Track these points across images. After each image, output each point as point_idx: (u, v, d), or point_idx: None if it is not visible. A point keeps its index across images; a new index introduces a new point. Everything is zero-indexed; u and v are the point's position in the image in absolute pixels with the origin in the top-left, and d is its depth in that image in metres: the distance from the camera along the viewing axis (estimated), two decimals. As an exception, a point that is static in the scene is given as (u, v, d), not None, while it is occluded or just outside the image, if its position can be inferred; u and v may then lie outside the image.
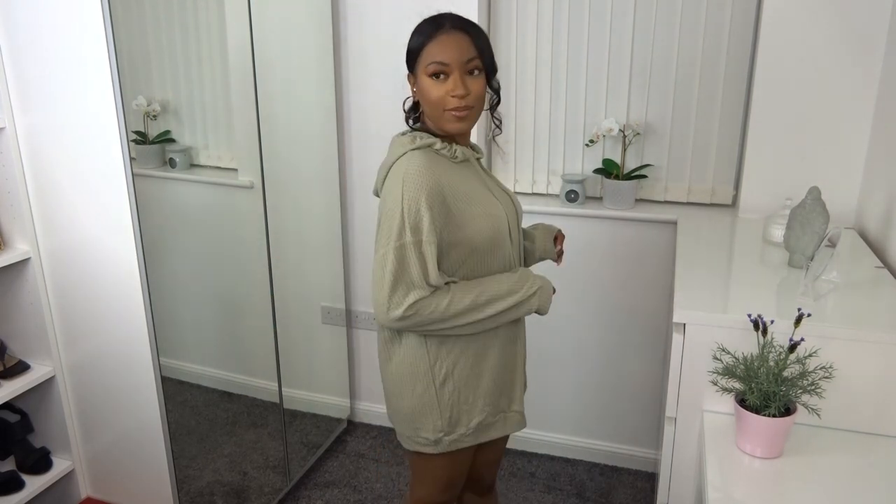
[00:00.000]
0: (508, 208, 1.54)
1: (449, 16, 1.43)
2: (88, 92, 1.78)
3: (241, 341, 2.56)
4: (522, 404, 1.65)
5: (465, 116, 1.40)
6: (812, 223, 1.72)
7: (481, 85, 1.41)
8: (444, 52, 1.37)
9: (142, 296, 1.91)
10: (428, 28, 1.41)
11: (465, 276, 1.46)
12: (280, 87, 2.31)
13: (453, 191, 1.41)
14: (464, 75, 1.38)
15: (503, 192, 1.58)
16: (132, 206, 1.84)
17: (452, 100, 1.38)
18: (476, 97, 1.40)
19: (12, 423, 2.15)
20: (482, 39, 1.42)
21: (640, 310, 2.49)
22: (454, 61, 1.37)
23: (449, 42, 1.38)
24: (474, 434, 1.55)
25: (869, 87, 2.08)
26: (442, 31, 1.39)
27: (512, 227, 1.53)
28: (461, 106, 1.38)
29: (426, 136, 1.45)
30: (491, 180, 1.57)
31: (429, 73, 1.39)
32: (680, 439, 1.58)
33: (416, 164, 1.38)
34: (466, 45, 1.39)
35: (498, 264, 1.50)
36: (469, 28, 1.42)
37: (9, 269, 2.01)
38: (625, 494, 2.52)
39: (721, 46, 2.30)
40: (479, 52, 1.40)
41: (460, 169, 1.47)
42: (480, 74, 1.40)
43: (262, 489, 2.43)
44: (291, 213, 2.45)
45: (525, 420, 1.65)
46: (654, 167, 2.46)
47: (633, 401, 2.59)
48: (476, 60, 1.39)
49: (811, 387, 1.34)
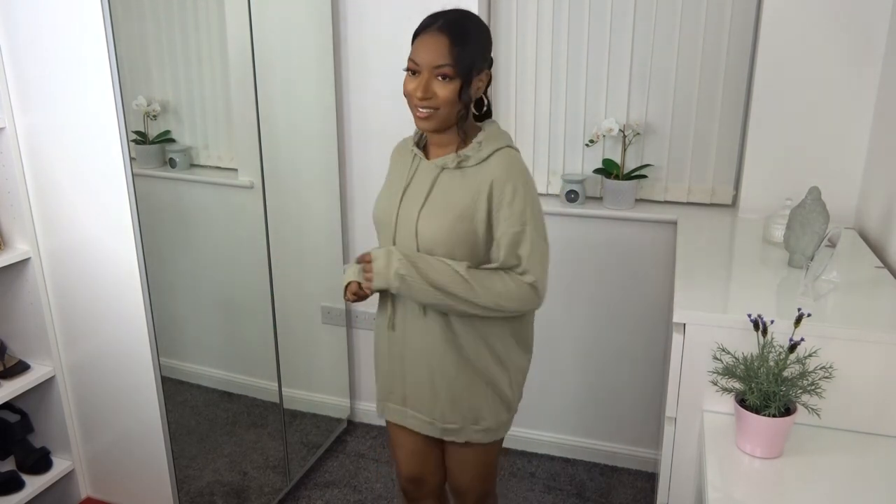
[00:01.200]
0: (405, 216, 1.52)
1: (444, 15, 1.45)
2: (88, 92, 1.78)
3: (241, 341, 2.56)
4: (380, 395, 1.72)
5: (426, 117, 1.45)
6: (812, 223, 1.72)
7: (448, 90, 1.42)
8: (419, 52, 1.43)
9: (142, 296, 1.91)
10: (423, 23, 1.46)
11: None
12: (280, 87, 2.31)
13: (389, 172, 1.64)
14: (432, 79, 1.42)
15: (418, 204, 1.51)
16: (132, 206, 1.84)
17: (415, 98, 1.44)
18: (441, 101, 1.42)
19: (12, 423, 2.15)
20: (463, 46, 1.41)
21: (640, 310, 2.49)
22: (424, 63, 1.42)
23: (426, 43, 1.42)
24: (378, 406, 1.74)
25: (869, 87, 2.08)
26: (427, 31, 1.44)
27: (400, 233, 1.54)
28: (422, 106, 1.44)
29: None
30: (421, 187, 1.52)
31: (407, 67, 1.46)
32: (680, 439, 1.58)
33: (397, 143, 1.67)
34: (443, 50, 1.40)
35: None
36: (454, 31, 1.41)
37: (9, 269, 2.01)
38: (625, 494, 2.52)
39: (721, 46, 2.30)
40: (454, 60, 1.40)
41: (411, 161, 1.58)
42: (450, 81, 1.42)
43: (262, 489, 2.43)
44: (291, 213, 2.45)
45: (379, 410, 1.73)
46: (654, 167, 2.46)
47: (633, 401, 2.59)
48: (447, 68, 1.40)
49: (811, 387, 1.34)
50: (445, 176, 1.51)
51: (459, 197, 1.49)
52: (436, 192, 1.51)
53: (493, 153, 1.49)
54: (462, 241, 1.49)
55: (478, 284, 1.47)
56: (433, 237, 1.49)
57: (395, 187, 1.58)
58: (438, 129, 1.48)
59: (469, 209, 1.48)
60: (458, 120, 1.48)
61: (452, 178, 1.51)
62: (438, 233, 1.49)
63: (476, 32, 1.46)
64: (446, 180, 1.51)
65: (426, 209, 1.50)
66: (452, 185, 1.50)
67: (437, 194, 1.51)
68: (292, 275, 2.50)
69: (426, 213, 1.50)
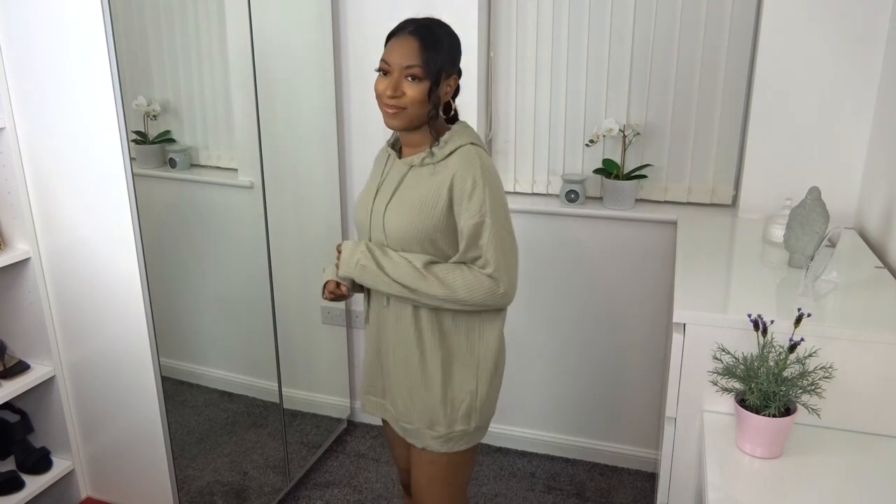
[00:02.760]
0: (377, 213, 1.59)
1: (416, 21, 1.51)
2: (88, 92, 1.78)
3: (241, 341, 2.56)
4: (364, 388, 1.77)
5: (394, 114, 1.49)
6: (812, 223, 1.72)
7: (418, 91, 1.47)
8: (390, 53, 1.49)
9: (142, 296, 1.91)
10: (396, 28, 1.52)
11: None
12: (280, 87, 2.30)
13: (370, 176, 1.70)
14: (401, 79, 1.47)
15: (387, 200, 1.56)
16: (132, 206, 1.84)
17: (384, 97, 1.49)
18: (409, 101, 1.47)
19: (12, 423, 2.15)
20: (433, 49, 1.47)
21: (640, 310, 2.49)
22: (394, 64, 1.48)
23: (397, 45, 1.48)
24: (361, 399, 1.81)
25: (869, 87, 2.08)
26: (399, 34, 1.50)
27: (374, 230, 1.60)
28: (390, 104, 1.48)
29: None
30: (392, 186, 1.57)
31: (378, 68, 1.51)
32: (680, 439, 1.58)
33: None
34: (413, 51, 1.46)
35: None
36: (424, 35, 1.47)
37: (9, 269, 2.01)
38: (625, 494, 2.52)
39: (721, 46, 2.30)
40: (423, 62, 1.46)
41: (385, 161, 1.65)
42: (420, 82, 1.47)
43: (262, 489, 2.43)
44: (291, 213, 2.45)
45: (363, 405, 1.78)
46: (654, 167, 2.46)
47: (633, 401, 2.59)
48: (416, 68, 1.46)
49: (811, 387, 1.34)
50: (413, 173, 1.56)
51: (424, 193, 1.53)
52: (402, 189, 1.56)
53: (455, 150, 1.53)
54: (427, 237, 1.53)
55: (434, 278, 1.50)
56: (400, 232, 1.54)
57: (370, 187, 1.66)
58: (405, 126, 1.53)
59: (431, 204, 1.52)
60: (427, 120, 1.53)
61: (420, 175, 1.56)
62: (403, 228, 1.54)
63: (446, 39, 1.51)
64: (414, 177, 1.56)
65: (392, 205, 1.56)
66: (419, 182, 1.55)
67: (403, 191, 1.56)
68: (292, 275, 2.50)
69: (392, 209, 1.56)
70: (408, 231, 1.53)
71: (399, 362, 1.64)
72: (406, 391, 1.64)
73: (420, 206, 1.52)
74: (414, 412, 1.62)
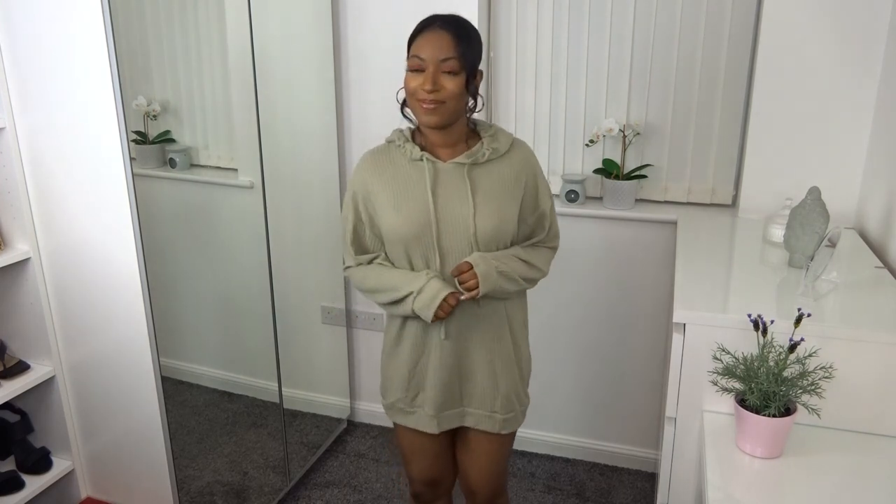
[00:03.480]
0: (450, 218, 1.52)
1: (442, 15, 1.49)
2: (88, 92, 1.78)
3: (241, 341, 2.56)
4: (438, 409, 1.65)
5: (433, 110, 1.45)
6: (812, 223, 1.72)
7: (455, 84, 1.45)
8: (423, 48, 1.45)
9: (142, 296, 1.91)
10: (420, 25, 1.49)
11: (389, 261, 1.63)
12: (280, 87, 2.31)
13: (382, 187, 1.56)
14: (438, 73, 1.44)
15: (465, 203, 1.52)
16: (132, 206, 1.84)
17: (422, 93, 1.44)
18: (448, 95, 1.45)
19: (12, 423, 2.15)
20: (467, 43, 1.45)
21: (640, 310, 2.49)
22: (430, 58, 1.44)
23: (430, 39, 1.45)
24: (393, 411, 1.73)
25: (869, 86, 2.08)
26: (428, 29, 1.47)
27: (446, 236, 1.53)
28: (428, 100, 1.44)
29: (401, 132, 1.60)
30: (456, 188, 1.52)
31: (410, 66, 1.47)
32: (680, 439, 1.58)
33: (361, 160, 1.62)
34: (447, 44, 1.44)
35: (416, 261, 1.57)
36: (456, 29, 1.46)
37: (9, 269, 2.01)
38: (625, 494, 2.52)
39: (721, 47, 2.30)
40: (459, 54, 1.44)
41: (410, 167, 1.55)
42: (456, 75, 1.45)
43: (262, 489, 2.43)
44: (291, 213, 2.45)
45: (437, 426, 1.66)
46: (654, 167, 2.46)
47: (633, 401, 2.59)
48: (452, 61, 1.43)
49: (811, 387, 1.34)
50: (476, 171, 1.55)
51: (502, 187, 1.56)
52: (479, 188, 1.54)
53: (512, 143, 1.60)
54: (511, 228, 1.58)
55: (532, 265, 1.62)
56: (492, 230, 1.54)
57: (414, 196, 1.53)
58: (444, 123, 1.49)
59: (513, 196, 1.57)
60: (465, 114, 1.52)
61: (485, 171, 1.55)
62: (498, 227, 1.55)
63: (474, 32, 1.51)
64: (480, 175, 1.55)
65: (480, 206, 1.53)
66: (489, 177, 1.55)
67: (481, 190, 1.54)
68: (292, 275, 2.50)
69: (482, 212, 1.53)
70: (502, 228, 1.56)
71: (495, 360, 1.64)
72: (506, 384, 1.66)
73: (509, 201, 1.56)
74: (513, 400, 1.68)
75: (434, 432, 1.67)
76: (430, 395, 1.64)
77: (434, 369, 1.62)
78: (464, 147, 1.56)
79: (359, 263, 1.64)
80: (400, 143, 1.57)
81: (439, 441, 1.74)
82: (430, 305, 1.51)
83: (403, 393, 1.68)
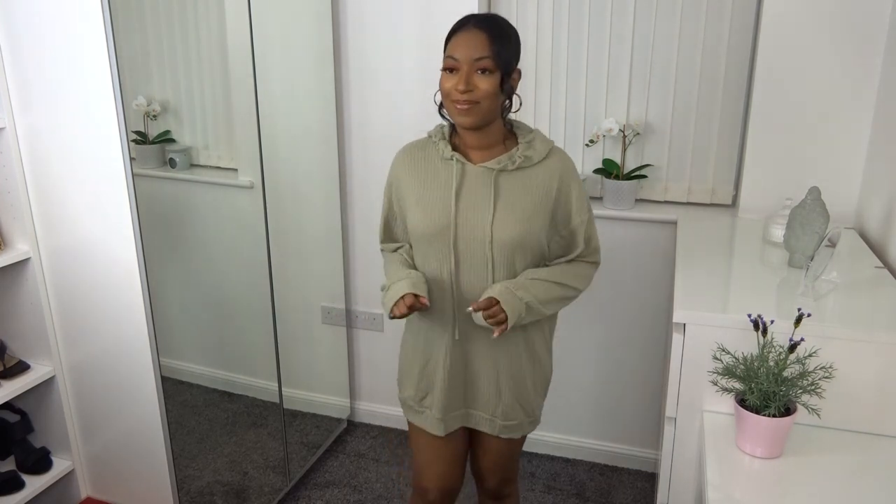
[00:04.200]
0: (469, 223, 1.51)
1: (476, 16, 1.48)
2: (88, 92, 1.78)
3: (241, 341, 2.56)
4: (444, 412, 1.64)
5: (467, 110, 1.44)
6: (812, 223, 1.72)
7: (490, 84, 1.43)
8: (457, 48, 1.44)
9: (142, 296, 1.91)
10: (456, 25, 1.48)
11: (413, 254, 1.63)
12: (280, 87, 2.31)
13: (412, 182, 1.58)
14: (472, 72, 1.42)
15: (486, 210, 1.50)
16: (132, 206, 1.84)
17: (456, 93, 1.43)
18: (482, 95, 1.43)
19: (12, 423, 2.15)
20: (501, 41, 1.43)
21: (640, 310, 2.49)
22: (463, 58, 1.42)
23: (464, 39, 1.44)
24: (405, 407, 1.73)
25: (869, 87, 2.08)
26: (463, 29, 1.45)
27: (463, 240, 1.52)
28: (462, 100, 1.43)
29: (442, 128, 1.59)
30: (481, 193, 1.51)
31: (444, 66, 1.46)
32: (680, 439, 1.58)
33: (399, 151, 1.63)
34: (481, 44, 1.42)
35: (432, 260, 1.57)
36: (490, 28, 1.44)
37: (9, 269, 2.01)
38: (625, 494, 2.52)
39: (721, 46, 2.30)
40: (494, 53, 1.42)
41: (441, 165, 1.55)
42: (491, 74, 1.43)
43: (262, 489, 2.43)
44: (291, 213, 2.45)
45: (444, 429, 1.65)
46: (654, 167, 2.46)
47: (633, 401, 2.59)
48: (486, 60, 1.41)
49: (811, 387, 1.34)
50: (504, 178, 1.51)
51: (529, 197, 1.52)
52: (505, 197, 1.51)
53: (549, 152, 1.55)
54: (535, 240, 1.53)
55: (568, 282, 1.59)
56: (510, 240, 1.51)
57: (439, 196, 1.53)
58: (479, 123, 1.47)
59: (541, 207, 1.52)
60: (500, 114, 1.50)
61: (513, 179, 1.52)
62: (517, 236, 1.51)
63: (512, 31, 1.49)
64: (508, 182, 1.51)
65: (500, 215, 1.50)
66: (516, 185, 1.52)
67: (507, 199, 1.51)
68: (292, 275, 2.50)
69: (501, 219, 1.50)
70: (519, 238, 1.51)
71: (502, 368, 1.61)
72: (511, 393, 1.63)
73: (533, 212, 1.51)
74: (519, 410, 1.66)
75: (440, 434, 1.66)
76: (437, 396, 1.64)
77: (443, 370, 1.62)
78: (500, 150, 1.54)
79: (384, 250, 1.71)
80: (436, 140, 1.57)
81: (453, 447, 1.72)
82: (387, 303, 1.53)
83: (414, 391, 1.69)
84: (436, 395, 1.64)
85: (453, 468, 1.75)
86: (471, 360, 1.63)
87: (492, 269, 1.53)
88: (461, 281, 1.55)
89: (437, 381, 1.64)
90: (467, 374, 1.64)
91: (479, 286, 1.53)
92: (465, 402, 1.67)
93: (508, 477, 1.82)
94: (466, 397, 1.67)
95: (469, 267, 1.53)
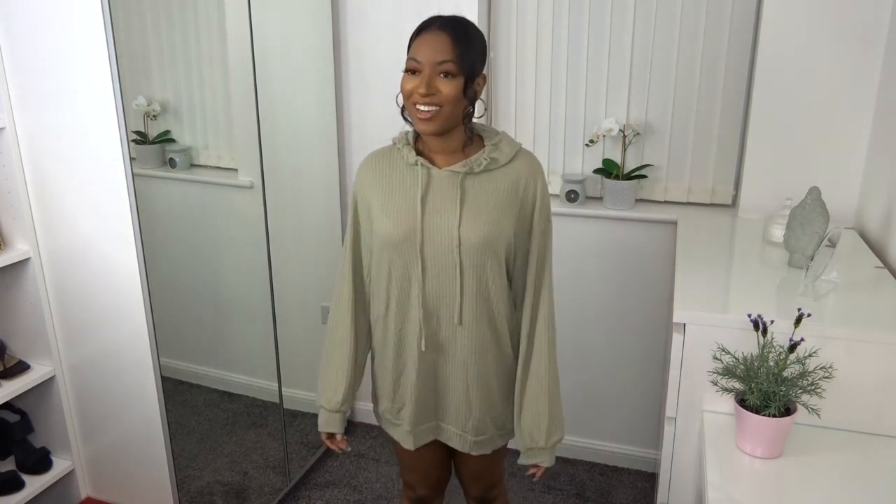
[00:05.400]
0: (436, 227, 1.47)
1: (442, 18, 1.44)
2: (88, 92, 1.78)
3: (241, 341, 2.56)
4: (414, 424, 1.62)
5: (429, 118, 1.39)
6: (812, 223, 1.72)
7: (452, 88, 1.38)
8: (420, 50, 1.39)
9: (142, 296, 1.91)
10: (420, 26, 1.44)
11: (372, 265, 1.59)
12: (280, 87, 2.31)
13: (377, 190, 1.53)
14: (434, 76, 1.37)
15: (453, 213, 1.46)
16: (132, 206, 1.84)
17: (417, 96, 1.38)
18: (444, 98, 1.37)
19: (12, 423, 2.15)
20: (466, 45, 1.39)
21: (640, 310, 2.49)
22: (426, 60, 1.37)
23: (427, 41, 1.39)
24: (382, 420, 1.72)
25: (869, 87, 2.08)
26: (428, 30, 1.41)
27: (430, 245, 1.48)
28: (424, 103, 1.38)
29: (405, 134, 1.53)
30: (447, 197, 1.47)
31: (406, 67, 1.41)
32: (680, 439, 1.58)
33: (364, 160, 1.59)
34: (444, 46, 1.37)
35: (398, 268, 1.51)
36: (454, 30, 1.39)
37: (9, 269, 2.01)
38: (625, 494, 2.52)
39: (721, 46, 2.30)
40: (457, 56, 1.38)
41: (406, 171, 1.51)
42: (454, 78, 1.38)
43: (262, 489, 2.43)
44: (291, 213, 2.45)
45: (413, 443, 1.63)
46: (654, 167, 2.46)
47: (633, 401, 2.59)
48: (449, 64, 1.37)
49: (811, 387, 1.34)
50: (470, 181, 1.48)
51: (495, 197, 1.47)
52: (471, 200, 1.47)
53: (516, 154, 1.50)
54: (504, 243, 1.48)
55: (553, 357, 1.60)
56: (478, 241, 1.46)
57: (404, 202, 1.49)
58: (442, 130, 1.43)
59: (508, 206, 1.47)
60: (462, 120, 1.46)
61: (480, 181, 1.48)
62: (486, 238, 1.46)
63: (477, 35, 1.45)
64: (474, 184, 1.48)
65: (467, 218, 1.46)
66: (482, 187, 1.48)
67: (474, 201, 1.47)
68: (292, 275, 2.50)
69: (469, 222, 1.46)
70: (491, 240, 1.46)
71: (471, 382, 1.57)
72: (480, 406, 1.59)
73: (501, 212, 1.47)
74: (489, 424, 1.62)
75: (410, 448, 1.65)
76: (408, 409, 1.61)
77: (413, 382, 1.59)
78: (464, 154, 1.50)
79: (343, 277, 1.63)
80: (400, 147, 1.52)
81: (431, 452, 1.71)
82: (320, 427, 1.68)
83: (390, 403, 1.65)
84: (407, 409, 1.62)
85: (438, 471, 1.76)
86: (440, 371, 1.58)
87: (460, 275, 1.47)
88: (427, 288, 1.50)
89: (408, 394, 1.60)
90: (438, 385, 1.60)
91: (447, 294, 1.49)
92: (437, 413, 1.63)
93: (492, 482, 1.79)
94: (438, 409, 1.63)
95: (436, 274, 1.49)
